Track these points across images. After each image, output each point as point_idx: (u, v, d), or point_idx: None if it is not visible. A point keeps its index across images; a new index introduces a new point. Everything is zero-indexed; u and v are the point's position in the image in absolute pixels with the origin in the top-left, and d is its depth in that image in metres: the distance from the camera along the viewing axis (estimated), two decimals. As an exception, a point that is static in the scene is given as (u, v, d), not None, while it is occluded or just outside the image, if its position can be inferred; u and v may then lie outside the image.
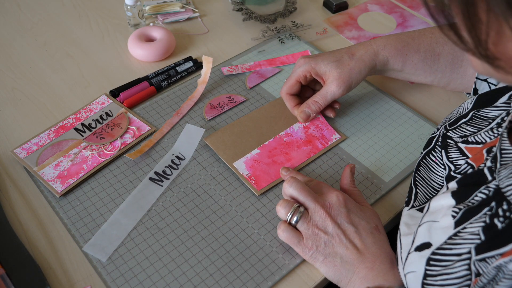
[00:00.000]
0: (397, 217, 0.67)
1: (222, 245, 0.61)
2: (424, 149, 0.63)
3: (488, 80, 0.69)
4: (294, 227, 0.58)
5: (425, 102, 0.80)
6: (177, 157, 0.70)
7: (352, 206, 0.59)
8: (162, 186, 0.67)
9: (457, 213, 0.48)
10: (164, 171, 0.69)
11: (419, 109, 0.79)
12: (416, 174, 0.62)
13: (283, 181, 0.68)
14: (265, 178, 0.68)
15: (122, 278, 0.58)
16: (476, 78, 0.69)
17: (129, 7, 0.89)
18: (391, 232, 0.68)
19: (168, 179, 0.68)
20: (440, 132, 0.61)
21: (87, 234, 0.62)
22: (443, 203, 0.51)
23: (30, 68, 0.85)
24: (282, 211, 0.58)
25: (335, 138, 0.73)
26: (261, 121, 0.75)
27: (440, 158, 0.59)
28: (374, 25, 0.96)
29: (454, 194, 0.51)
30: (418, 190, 0.60)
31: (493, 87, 0.69)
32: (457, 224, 0.48)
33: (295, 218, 0.57)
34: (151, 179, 0.68)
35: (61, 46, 0.89)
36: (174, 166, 0.69)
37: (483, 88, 0.69)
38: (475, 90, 0.71)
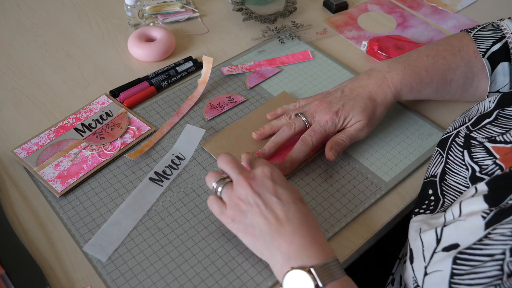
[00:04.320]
0: (397, 217, 0.67)
1: (222, 245, 0.61)
2: (441, 150, 0.62)
3: (500, 90, 0.70)
4: (220, 198, 0.59)
5: (425, 102, 0.80)
6: (177, 157, 0.70)
7: (278, 178, 0.58)
8: (162, 186, 0.67)
9: (487, 214, 0.47)
10: (164, 171, 0.69)
11: (419, 109, 0.79)
12: (443, 184, 0.60)
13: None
14: (265, 178, 0.68)
15: (122, 278, 0.58)
16: (489, 92, 0.71)
17: (129, 7, 0.89)
18: (391, 232, 0.68)
19: (168, 179, 0.68)
20: (460, 132, 0.60)
21: (87, 234, 0.62)
22: (475, 208, 0.50)
23: (30, 68, 0.85)
24: (209, 182, 0.60)
25: (335, 138, 0.73)
26: (258, 123, 0.75)
27: (461, 159, 0.58)
28: (374, 25, 0.96)
29: (487, 198, 0.49)
30: (446, 199, 0.58)
31: None
32: (487, 225, 0.47)
33: (219, 189, 0.58)
34: (151, 179, 0.68)
35: (61, 46, 0.89)
36: (174, 166, 0.69)
37: None
38: None
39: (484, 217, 0.47)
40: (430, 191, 0.61)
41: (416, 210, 0.60)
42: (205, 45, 0.90)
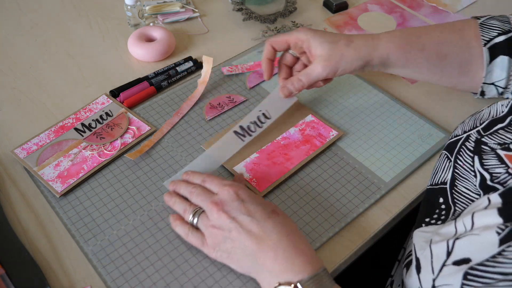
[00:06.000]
0: (397, 217, 0.67)
1: (222, 245, 0.61)
2: (449, 154, 0.60)
3: (495, 83, 0.68)
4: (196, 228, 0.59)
5: (426, 102, 0.80)
6: (263, 114, 0.71)
7: (245, 196, 0.57)
8: (243, 141, 0.69)
9: (502, 230, 0.46)
10: (248, 127, 0.70)
11: (420, 109, 0.79)
12: (453, 190, 0.58)
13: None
14: (266, 179, 0.68)
15: (122, 278, 0.58)
16: (483, 83, 0.68)
17: (129, 7, 0.89)
18: (390, 232, 0.68)
19: (250, 135, 0.70)
20: (470, 136, 0.58)
21: (87, 234, 0.62)
22: (490, 221, 0.48)
23: (30, 68, 0.85)
24: (186, 215, 0.59)
25: (333, 135, 0.73)
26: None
27: (470, 165, 0.56)
28: (374, 25, 0.96)
29: (501, 212, 0.47)
30: (457, 207, 0.57)
31: (500, 90, 0.67)
32: (502, 242, 0.45)
33: (195, 220, 0.58)
34: (235, 132, 0.69)
35: (61, 46, 0.89)
36: (259, 123, 0.70)
37: (490, 90, 0.68)
38: (482, 93, 0.69)
39: (499, 233, 0.46)
40: (441, 200, 0.59)
41: (427, 220, 0.58)
42: (205, 45, 0.90)
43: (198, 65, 0.85)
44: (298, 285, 0.50)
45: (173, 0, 0.97)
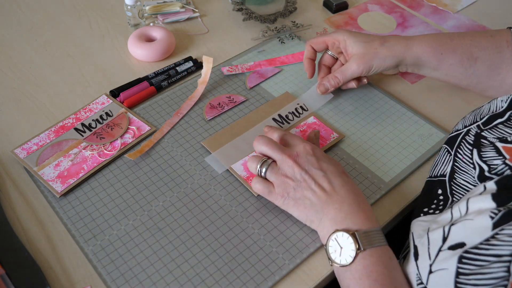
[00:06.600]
0: (397, 217, 0.67)
1: (222, 245, 0.61)
2: (449, 148, 0.61)
3: None
4: (265, 179, 0.62)
5: (425, 102, 0.80)
6: (301, 107, 0.77)
7: (320, 154, 0.62)
8: (282, 127, 0.74)
9: (496, 214, 0.47)
10: (286, 116, 0.76)
11: (419, 109, 0.79)
12: (452, 183, 0.59)
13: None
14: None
15: (122, 278, 0.58)
16: None
17: (129, 7, 0.89)
18: (391, 232, 0.68)
19: (289, 123, 0.75)
20: (470, 130, 0.59)
21: (87, 234, 0.62)
22: (482, 206, 0.49)
23: (30, 68, 0.85)
24: (252, 166, 0.63)
25: (334, 137, 0.73)
26: (258, 123, 0.75)
27: (469, 157, 0.57)
28: (374, 25, 0.96)
29: (495, 197, 0.49)
30: (455, 199, 0.58)
31: None
32: (495, 225, 0.46)
33: (263, 170, 0.62)
34: (274, 119, 0.75)
35: (61, 46, 0.89)
36: (297, 113, 0.76)
37: None
38: None
39: (492, 217, 0.47)
40: (440, 191, 0.60)
41: (425, 210, 0.60)
42: (205, 45, 0.90)
43: (198, 65, 0.85)
44: (356, 233, 0.55)
45: (173, 0, 0.97)
